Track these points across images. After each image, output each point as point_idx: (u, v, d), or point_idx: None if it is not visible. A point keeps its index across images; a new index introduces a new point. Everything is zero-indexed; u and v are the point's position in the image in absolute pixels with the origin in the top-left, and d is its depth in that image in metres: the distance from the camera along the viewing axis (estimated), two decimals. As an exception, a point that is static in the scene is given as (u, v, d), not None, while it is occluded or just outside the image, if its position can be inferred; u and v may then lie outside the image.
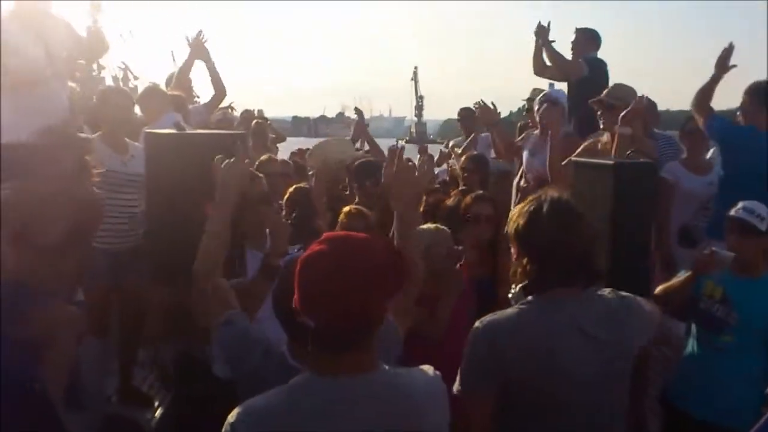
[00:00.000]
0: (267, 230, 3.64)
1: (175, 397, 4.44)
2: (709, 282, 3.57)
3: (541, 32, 6.15)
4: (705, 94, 4.77)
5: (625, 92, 4.88)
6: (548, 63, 6.28)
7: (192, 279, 3.06)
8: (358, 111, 6.91)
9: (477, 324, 2.41)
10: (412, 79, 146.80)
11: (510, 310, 2.44)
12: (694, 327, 3.67)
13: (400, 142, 8.24)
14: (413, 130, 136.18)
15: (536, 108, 5.74)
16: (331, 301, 1.68)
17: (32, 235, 3.41)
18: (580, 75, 6.05)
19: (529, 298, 2.43)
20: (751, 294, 3.47)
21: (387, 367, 1.84)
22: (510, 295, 2.53)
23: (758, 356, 3.46)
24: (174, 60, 7.07)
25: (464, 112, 7.71)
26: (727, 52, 4.68)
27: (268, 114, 11.03)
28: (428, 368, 1.95)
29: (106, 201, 4.63)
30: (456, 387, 2.45)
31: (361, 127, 6.73)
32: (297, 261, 1.80)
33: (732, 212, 3.54)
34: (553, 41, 6.12)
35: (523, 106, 7.42)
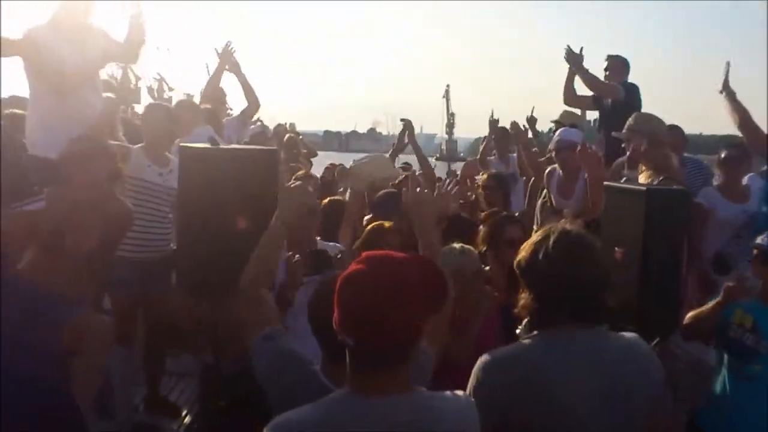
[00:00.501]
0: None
1: (203, 408, 4.48)
2: (738, 310, 3.52)
3: (573, 58, 6.11)
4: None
5: (644, 120, 4.86)
6: (578, 92, 6.30)
7: (231, 290, 3.11)
8: (407, 123, 6.48)
9: (480, 358, 2.34)
10: (443, 97, 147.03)
11: (512, 345, 2.38)
12: (725, 355, 3.60)
13: (431, 159, 8.09)
14: (443, 147, 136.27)
15: (552, 149, 5.47)
16: (369, 319, 1.70)
17: (65, 244, 3.47)
18: (617, 98, 6.04)
19: (534, 333, 2.35)
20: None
21: (422, 390, 1.86)
22: (518, 331, 2.47)
23: None
24: (208, 72, 7.20)
25: (501, 132, 7.68)
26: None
27: (299, 128, 11.18)
28: (461, 394, 1.96)
29: (140, 210, 4.72)
30: None
31: (411, 139, 6.54)
32: (336, 278, 1.82)
33: (758, 240, 3.52)
34: (580, 50, 6.10)
35: (551, 128, 7.46)
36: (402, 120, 6.45)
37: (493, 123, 7.75)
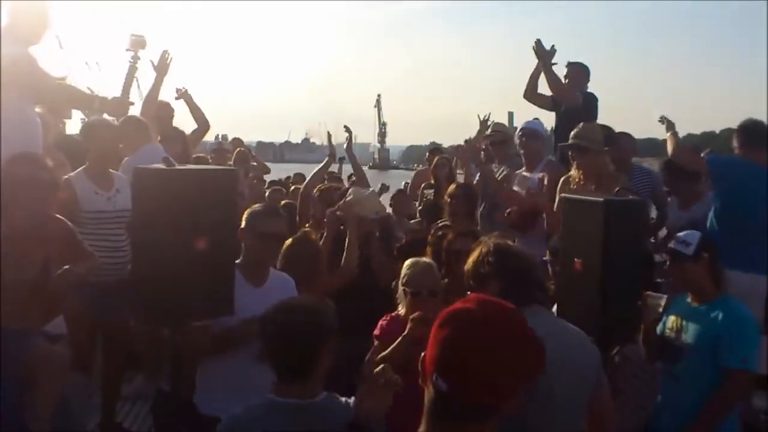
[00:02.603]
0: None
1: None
2: (671, 316, 3.70)
3: (544, 54, 6.08)
4: None
5: (593, 133, 4.93)
6: (540, 91, 6.33)
7: (188, 315, 3.07)
8: (348, 130, 6.67)
9: None
10: (375, 106, 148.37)
11: None
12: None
13: (364, 168, 8.15)
14: (377, 156, 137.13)
15: (518, 141, 5.92)
16: (474, 365, 1.53)
17: (4, 278, 3.36)
18: (574, 105, 6.08)
19: None
20: (698, 319, 3.59)
21: None
22: None
23: (710, 380, 3.52)
24: (139, 87, 6.93)
25: (500, 137, 6.66)
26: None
27: (230, 138, 11.07)
28: None
29: (92, 238, 4.59)
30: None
31: (349, 149, 6.63)
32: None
33: (670, 245, 3.73)
34: (555, 64, 6.12)
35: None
36: (345, 128, 6.48)
37: (484, 123, 7.17)
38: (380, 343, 3.71)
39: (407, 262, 3.84)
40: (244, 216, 3.70)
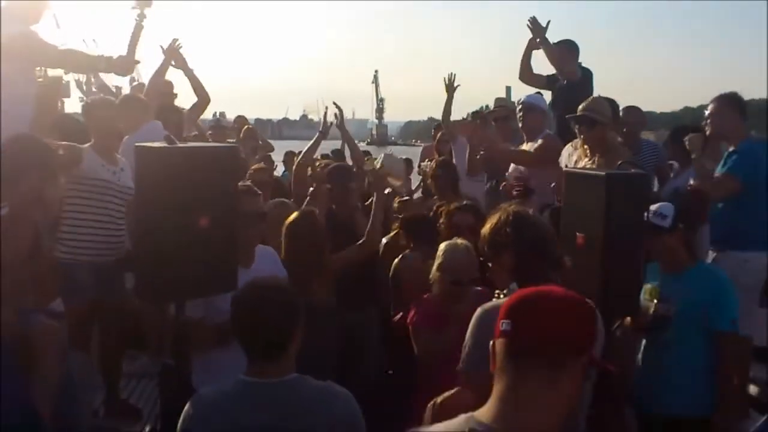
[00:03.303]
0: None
1: (165, 410, 4.40)
2: (647, 287, 3.70)
3: (538, 30, 6.03)
4: None
5: (604, 106, 4.93)
6: (534, 71, 6.30)
7: (191, 291, 3.09)
8: (338, 108, 6.35)
9: (480, 308, 2.57)
10: (372, 82, 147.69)
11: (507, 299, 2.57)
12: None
13: (362, 144, 8.22)
14: (374, 132, 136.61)
15: (519, 115, 5.91)
16: (543, 315, 1.65)
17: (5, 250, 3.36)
18: (574, 79, 6.08)
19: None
20: (681, 286, 3.64)
21: None
22: (501, 297, 2.78)
23: (699, 346, 3.62)
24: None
25: (503, 111, 6.68)
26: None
27: (229, 116, 11.05)
28: None
29: (98, 211, 4.61)
30: (459, 366, 2.69)
31: (341, 125, 6.57)
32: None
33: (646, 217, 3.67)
34: (546, 24, 6.08)
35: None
36: (335, 104, 6.44)
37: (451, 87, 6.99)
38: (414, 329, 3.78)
39: (444, 246, 3.83)
40: None
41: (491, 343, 1.70)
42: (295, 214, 4.19)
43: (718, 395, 3.58)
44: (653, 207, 3.69)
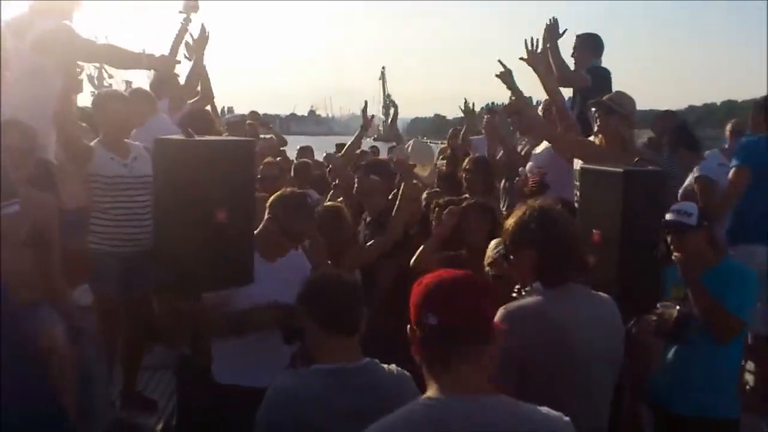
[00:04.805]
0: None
1: (182, 402, 4.43)
2: (672, 287, 3.69)
3: (552, 33, 5.83)
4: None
5: (626, 100, 4.87)
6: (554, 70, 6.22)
7: (210, 284, 3.11)
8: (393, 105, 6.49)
9: (501, 310, 2.53)
10: (379, 79, 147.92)
11: (530, 299, 2.66)
12: None
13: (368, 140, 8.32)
14: (381, 128, 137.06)
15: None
16: (455, 298, 1.85)
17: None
18: (583, 85, 5.94)
19: (542, 290, 2.68)
20: (707, 283, 3.55)
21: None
22: (523, 293, 2.78)
23: (725, 345, 3.54)
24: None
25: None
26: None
27: (237, 111, 11.01)
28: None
29: (112, 206, 4.64)
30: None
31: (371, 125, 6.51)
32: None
33: (667, 217, 3.62)
34: (563, 32, 5.84)
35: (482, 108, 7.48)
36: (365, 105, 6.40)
37: (469, 111, 7.50)
38: None
39: (493, 243, 3.78)
40: (273, 198, 3.71)
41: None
42: (319, 211, 4.19)
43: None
44: (676, 206, 3.65)
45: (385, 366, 2.64)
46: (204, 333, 3.61)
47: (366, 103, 6.57)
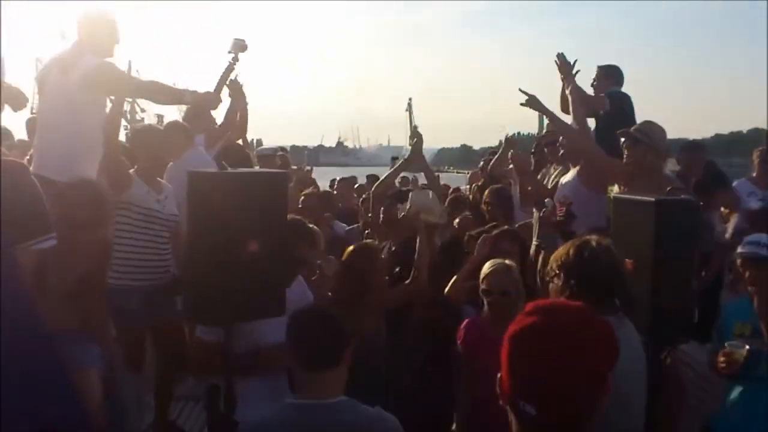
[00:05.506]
0: None
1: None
2: (737, 323, 3.59)
3: (565, 67, 6.01)
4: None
5: (653, 131, 4.85)
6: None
7: (241, 316, 3.12)
8: (416, 134, 6.32)
9: None
10: (406, 110, 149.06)
11: None
12: None
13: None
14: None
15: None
16: (554, 386, 1.47)
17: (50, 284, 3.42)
18: (602, 109, 6.04)
19: None
20: None
21: None
22: None
23: None
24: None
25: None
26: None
27: (266, 142, 11.12)
28: None
29: (141, 237, 4.70)
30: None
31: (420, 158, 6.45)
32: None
33: (739, 250, 3.58)
34: (578, 71, 5.84)
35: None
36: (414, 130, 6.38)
37: (510, 141, 7.43)
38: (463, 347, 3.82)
39: (486, 264, 3.90)
40: None
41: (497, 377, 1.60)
42: (352, 247, 4.23)
43: None
44: (747, 239, 3.60)
45: (367, 407, 2.60)
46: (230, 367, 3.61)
47: (414, 131, 6.53)
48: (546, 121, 6.69)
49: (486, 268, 3.86)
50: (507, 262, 3.90)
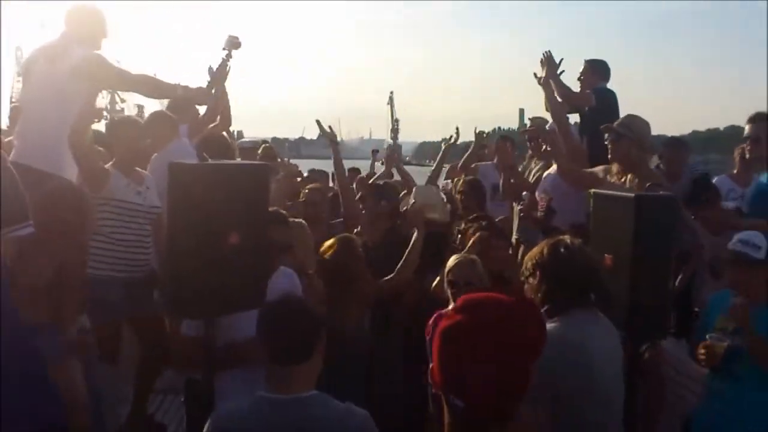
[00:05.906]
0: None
1: (189, 428, 4.41)
2: (720, 317, 3.61)
3: (550, 64, 5.97)
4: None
5: (636, 124, 4.88)
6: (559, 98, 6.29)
7: (223, 308, 3.10)
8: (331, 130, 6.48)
9: None
10: (388, 104, 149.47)
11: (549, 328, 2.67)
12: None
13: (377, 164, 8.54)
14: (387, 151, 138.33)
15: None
16: (478, 380, 1.56)
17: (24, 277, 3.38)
18: (588, 105, 6.06)
19: (555, 318, 2.85)
20: (763, 320, 3.46)
21: None
22: None
23: None
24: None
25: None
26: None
27: (246, 135, 11.02)
28: None
29: (122, 231, 4.65)
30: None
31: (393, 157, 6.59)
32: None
33: (729, 245, 3.58)
34: (563, 72, 5.95)
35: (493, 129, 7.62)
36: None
37: (480, 136, 7.74)
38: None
39: (451, 258, 3.99)
40: None
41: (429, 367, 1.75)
42: (332, 240, 4.21)
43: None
44: (741, 236, 3.58)
45: (337, 402, 2.61)
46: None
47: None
48: (526, 118, 6.80)
49: (451, 261, 3.93)
50: (472, 256, 4.00)
